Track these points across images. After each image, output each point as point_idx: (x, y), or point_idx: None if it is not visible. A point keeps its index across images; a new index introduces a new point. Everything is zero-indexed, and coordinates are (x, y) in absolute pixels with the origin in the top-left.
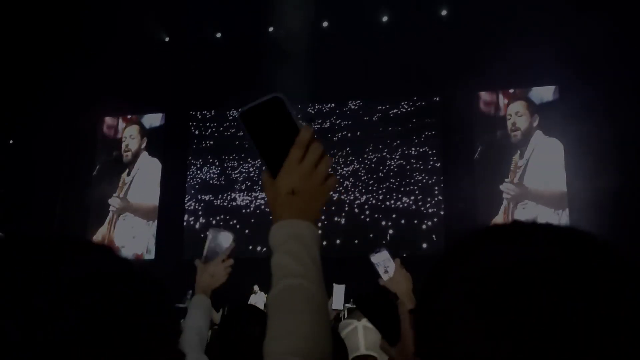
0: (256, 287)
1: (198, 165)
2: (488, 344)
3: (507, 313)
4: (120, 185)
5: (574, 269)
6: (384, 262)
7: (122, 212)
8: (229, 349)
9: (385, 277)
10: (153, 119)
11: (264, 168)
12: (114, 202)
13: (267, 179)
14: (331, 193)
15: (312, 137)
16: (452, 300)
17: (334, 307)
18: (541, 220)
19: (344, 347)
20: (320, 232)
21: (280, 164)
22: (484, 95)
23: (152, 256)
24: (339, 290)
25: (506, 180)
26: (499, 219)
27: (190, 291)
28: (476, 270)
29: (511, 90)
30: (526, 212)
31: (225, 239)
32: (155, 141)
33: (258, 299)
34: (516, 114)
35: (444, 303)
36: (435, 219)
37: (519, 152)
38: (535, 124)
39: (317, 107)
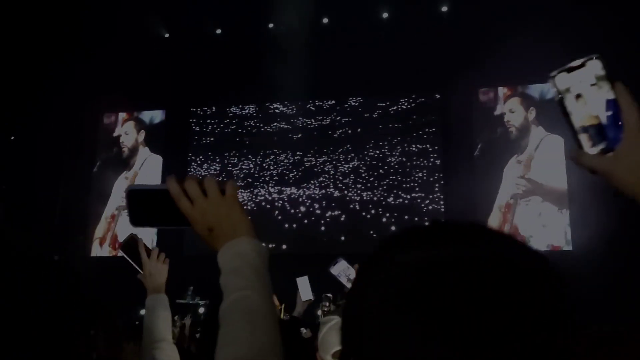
0: None
1: (199, 162)
2: (409, 343)
3: (425, 312)
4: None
5: (483, 272)
6: (344, 272)
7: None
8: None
9: (349, 285)
10: (154, 116)
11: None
12: (122, 197)
13: (196, 234)
14: (240, 190)
15: (176, 184)
16: (374, 302)
17: (303, 299)
18: (545, 217)
19: (303, 345)
20: (265, 244)
21: (185, 220)
22: (484, 92)
23: None
24: (302, 282)
25: (518, 175)
26: (495, 216)
27: (191, 287)
28: (396, 272)
29: (511, 87)
30: (529, 208)
31: (133, 244)
32: (156, 138)
33: None
34: (510, 111)
35: (367, 306)
36: (436, 216)
37: (519, 148)
38: (531, 117)
39: (317, 103)
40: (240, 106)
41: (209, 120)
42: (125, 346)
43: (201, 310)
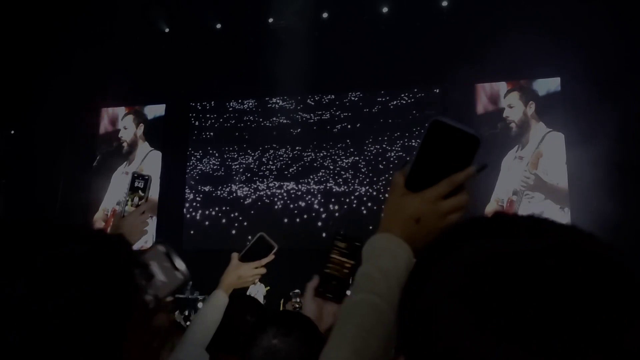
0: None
1: (198, 157)
2: (473, 339)
3: (492, 307)
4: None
5: (558, 263)
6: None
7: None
8: (224, 337)
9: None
10: (154, 110)
11: (405, 169)
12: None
13: (401, 185)
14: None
15: (467, 181)
16: (435, 295)
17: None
18: (547, 215)
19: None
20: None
21: (426, 183)
22: (484, 87)
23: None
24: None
25: (525, 169)
26: (492, 209)
27: (190, 282)
28: (459, 264)
29: (511, 82)
30: (532, 206)
31: (269, 248)
32: (155, 132)
33: (257, 289)
34: (509, 107)
35: (428, 298)
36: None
37: (519, 143)
38: (531, 112)
39: (316, 98)
40: (240, 101)
41: (208, 115)
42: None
43: (200, 305)
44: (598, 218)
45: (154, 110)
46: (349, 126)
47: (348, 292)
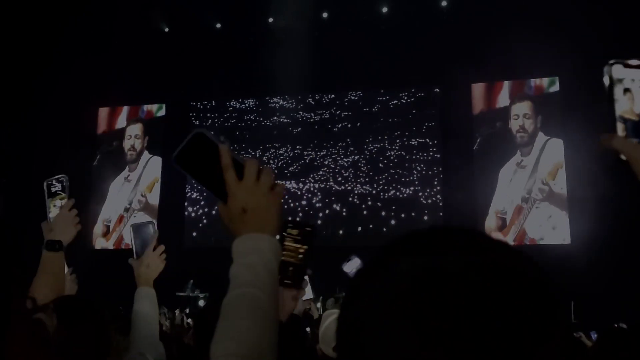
0: None
1: None
2: (396, 349)
3: (418, 320)
4: (133, 184)
5: (481, 280)
6: (358, 269)
7: (140, 210)
8: (208, 337)
9: None
10: (154, 109)
11: (217, 201)
12: (139, 199)
13: (221, 207)
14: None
15: (231, 155)
16: (368, 307)
17: (303, 298)
18: (554, 220)
19: (302, 342)
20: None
21: (223, 189)
22: (484, 87)
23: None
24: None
25: (543, 181)
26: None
27: (192, 280)
28: (392, 280)
29: (511, 82)
30: (540, 212)
31: (147, 231)
32: (156, 131)
33: None
34: (524, 116)
35: (362, 310)
36: (435, 210)
37: (521, 152)
38: (539, 124)
39: (316, 97)
40: (240, 100)
41: (209, 114)
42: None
43: (201, 302)
44: (596, 214)
45: (155, 110)
46: (349, 125)
47: (306, 277)
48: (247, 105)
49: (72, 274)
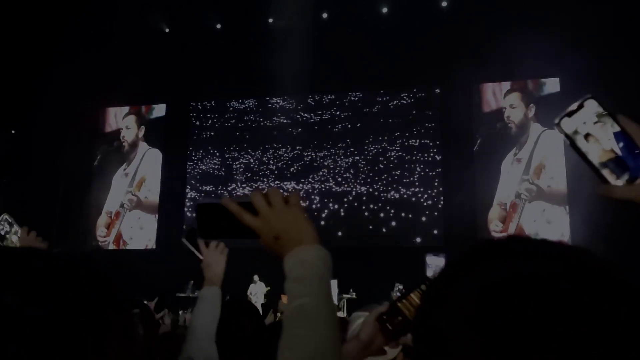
0: (256, 277)
1: (199, 156)
2: None
3: (505, 331)
4: (129, 180)
5: (572, 286)
6: (435, 266)
7: (134, 209)
8: (222, 340)
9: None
10: (154, 110)
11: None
12: (130, 198)
13: (262, 244)
14: (303, 202)
15: (232, 201)
16: (450, 317)
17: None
18: (549, 213)
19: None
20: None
21: (249, 230)
22: (484, 87)
23: (153, 247)
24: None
25: (525, 178)
26: (495, 211)
27: (192, 281)
28: (474, 287)
29: (510, 82)
30: (533, 206)
31: (193, 235)
32: (156, 132)
33: (257, 288)
34: (510, 107)
35: (443, 320)
36: (435, 211)
37: (518, 144)
38: (531, 114)
39: (317, 98)
40: (241, 100)
41: (209, 115)
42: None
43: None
44: (597, 218)
45: (155, 110)
46: (349, 126)
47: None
48: (247, 105)
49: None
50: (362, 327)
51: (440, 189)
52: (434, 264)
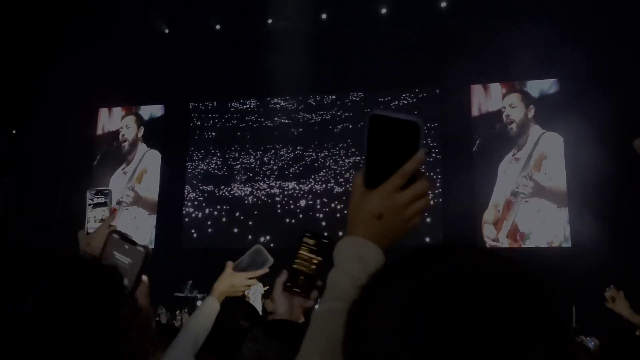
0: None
1: (200, 156)
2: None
3: (414, 339)
4: (129, 177)
5: (473, 290)
6: None
7: (132, 205)
8: (218, 339)
9: None
10: (153, 110)
11: (362, 170)
12: (128, 194)
13: (360, 185)
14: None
15: (420, 167)
16: (378, 319)
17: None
18: (544, 214)
19: None
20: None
21: (382, 178)
22: (483, 88)
23: (151, 246)
24: None
25: (523, 175)
26: (490, 212)
27: (190, 281)
28: (387, 297)
29: (510, 83)
30: (529, 205)
31: (265, 261)
32: (155, 132)
33: (255, 288)
34: (510, 106)
35: (371, 322)
36: (436, 212)
37: (517, 145)
38: (530, 115)
39: (317, 98)
40: (242, 101)
41: (210, 115)
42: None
43: (199, 303)
44: (597, 217)
45: (154, 111)
46: (350, 126)
47: (319, 284)
48: (248, 106)
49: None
50: (276, 303)
51: (440, 190)
52: None
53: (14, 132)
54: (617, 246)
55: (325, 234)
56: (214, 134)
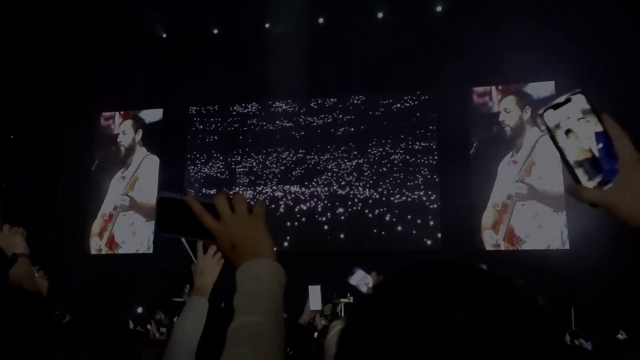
0: None
1: (203, 160)
2: None
3: None
4: (126, 182)
5: (466, 320)
6: (362, 280)
7: (128, 210)
8: (212, 346)
9: None
10: (151, 115)
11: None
12: (123, 200)
13: (220, 250)
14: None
15: (196, 201)
16: (367, 341)
17: (311, 308)
18: (541, 218)
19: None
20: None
21: (210, 234)
22: (480, 91)
23: (149, 251)
24: (314, 291)
25: (517, 179)
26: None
27: (188, 285)
28: (375, 328)
29: (506, 86)
30: (526, 209)
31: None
32: (153, 136)
33: None
34: (505, 111)
35: (361, 342)
36: (438, 215)
37: (514, 147)
38: (526, 117)
39: (319, 101)
40: (243, 105)
41: (212, 119)
42: (140, 351)
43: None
44: (595, 221)
45: (152, 115)
46: (352, 129)
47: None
48: (249, 109)
49: (40, 271)
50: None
51: (439, 193)
52: (358, 279)
53: (12, 136)
54: (615, 249)
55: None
56: (215, 137)
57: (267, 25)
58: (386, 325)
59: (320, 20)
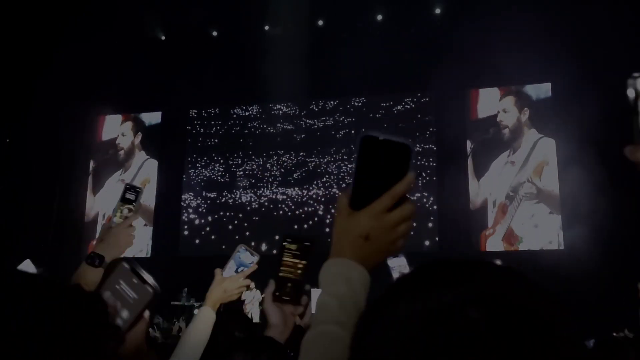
0: (252, 284)
1: (203, 163)
2: None
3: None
4: (121, 183)
5: (480, 316)
6: (399, 267)
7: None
8: (213, 350)
9: None
10: (150, 118)
11: (347, 191)
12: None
13: (345, 206)
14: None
15: (408, 191)
16: (380, 340)
17: (313, 312)
18: (537, 218)
19: None
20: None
21: (368, 199)
22: (477, 93)
23: (147, 254)
24: (316, 294)
25: (528, 179)
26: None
27: (186, 289)
28: (395, 319)
29: (504, 88)
30: (522, 209)
31: (249, 259)
32: (152, 140)
33: (253, 295)
34: (503, 111)
35: (374, 342)
36: (436, 216)
37: (511, 149)
38: (525, 118)
39: (320, 104)
40: (243, 107)
41: (212, 122)
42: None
43: (196, 312)
44: (589, 223)
45: (151, 118)
46: (352, 131)
47: (307, 288)
48: (250, 112)
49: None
50: (268, 315)
51: (437, 194)
52: (396, 265)
53: (8, 140)
54: (610, 250)
55: (306, 236)
56: (215, 140)
57: (266, 28)
58: (401, 323)
59: (320, 22)
